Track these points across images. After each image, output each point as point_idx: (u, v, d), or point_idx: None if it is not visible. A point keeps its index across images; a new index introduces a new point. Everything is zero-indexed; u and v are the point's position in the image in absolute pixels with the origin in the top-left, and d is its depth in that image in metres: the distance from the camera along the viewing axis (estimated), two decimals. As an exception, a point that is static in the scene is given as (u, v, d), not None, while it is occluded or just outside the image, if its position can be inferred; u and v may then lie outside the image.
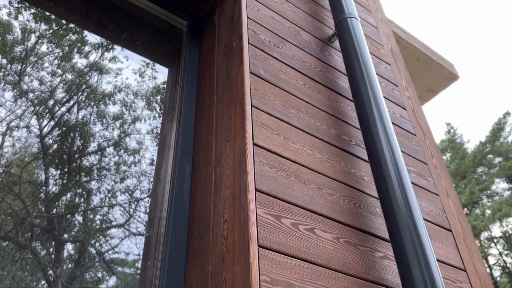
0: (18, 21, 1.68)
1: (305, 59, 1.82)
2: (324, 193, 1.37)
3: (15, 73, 1.56)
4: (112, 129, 1.69)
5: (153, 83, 1.92)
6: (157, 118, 1.83)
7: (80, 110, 1.65)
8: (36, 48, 1.67)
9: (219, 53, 1.76)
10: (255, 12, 1.76)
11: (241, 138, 1.32)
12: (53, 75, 1.66)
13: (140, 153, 1.69)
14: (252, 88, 1.47)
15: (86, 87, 1.73)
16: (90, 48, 1.82)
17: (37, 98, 1.57)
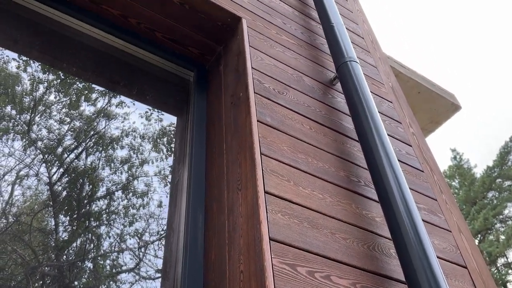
0: (27, 72, 1.76)
1: (309, 104, 1.87)
2: (337, 237, 1.38)
3: (24, 123, 1.61)
4: (120, 172, 1.73)
5: (160, 126, 1.97)
6: (164, 160, 1.87)
7: (89, 156, 1.69)
8: (45, 98, 1.73)
9: (227, 103, 1.82)
10: (259, 62, 1.84)
11: (253, 187, 1.35)
12: (61, 122, 1.71)
13: (149, 196, 1.72)
14: (260, 136, 1.51)
15: (95, 133, 1.78)
16: (98, 95, 1.89)
17: (46, 147, 1.62)
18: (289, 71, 1.95)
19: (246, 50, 1.84)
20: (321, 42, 2.37)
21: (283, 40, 2.12)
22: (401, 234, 1.36)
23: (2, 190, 1.43)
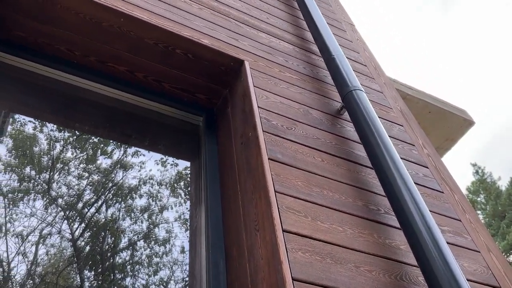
0: (43, 133, 1.81)
1: (319, 136, 1.88)
2: (363, 270, 1.35)
3: (44, 182, 1.64)
4: (141, 221, 1.73)
5: (176, 171, 1.99)
6: (183, 204, 1.87)
7: (109, 208, 1.71)
8: (62, 156, 1.77)
9: (237, 144, 1.83)
10: (265, 101, 1.86)
11: (270, 226, 1.34)
12: (79, 178, 1.74)
13: (171, 242, 1.71)
14: (273, 174, 1.51)
15: (113, 185, 1.80)
16: (114, 148, 1.92)
17: (67, 203, 1.63)
18: (295, 106, 1.97)
19: (251, 90, 1.87)
20: (324, 74, 2.40)
21: (287, 76, 2.16)
22: (427, 260, 1.32)
23: (27, 251, 1.44)
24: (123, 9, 1.88)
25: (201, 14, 2.23)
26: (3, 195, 1.51)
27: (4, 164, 1.60)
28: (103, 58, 2.01)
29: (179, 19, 2.06)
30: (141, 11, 1.94)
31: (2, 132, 1.71)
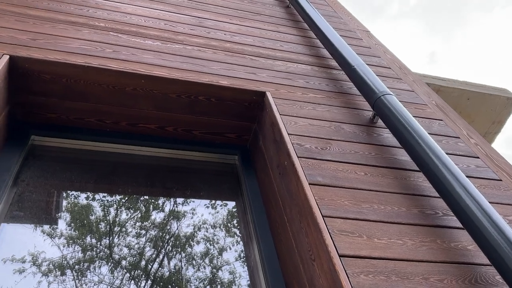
0: (95, 200, 1.86)
1: (356, 149, 1.82)
2: (433, 281, 1.26)
3: (105, 247, 1.68)
4: (203, 267, 1.73)
5: (227, 211, 1.98)
6: (240, 243, 1.85)
7: (171, 260, 1.72)
8: (117, 219, 1.81)
9: (275, 174, 1.81)
10: (294, 127, 1.85)
11: (325, 254, 1.29)
12: (137, 237, 1.77)
13: (236, 283, 1.69)
14: (316, 198, 1.47)
15: (170, 237, 1.82)
16: (161, 203, 1.96)
17: (130, 263, 1.66)
18: (325, 125, 1.94)
19: (278, 119, 1.86)
20: (349, 87, 2.36)
21: (311, 97, 2.14)
22: (500, 257, 1.22)
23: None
24: (142, 71, 1.95)
25: (216, 57, 2.27)
26: (70, 268, 1.56)
27: (66, 237, 1.66)
28: (133, 120, 2.08)
29: (196, 67, 2.12)
30: (159, 69, 2.01)
31: (59, 208, 1.79)
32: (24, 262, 1.53)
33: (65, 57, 1.87)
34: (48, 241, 1.64)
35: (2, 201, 1.62)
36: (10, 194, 1.71)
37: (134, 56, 2.05)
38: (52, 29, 2.06)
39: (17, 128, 1.91)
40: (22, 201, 1.72)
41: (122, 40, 2.16)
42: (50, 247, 1.61)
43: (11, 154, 1.78)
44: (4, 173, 1.68)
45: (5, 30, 1.94)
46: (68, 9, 2.31)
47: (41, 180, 1.85)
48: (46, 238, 1.65)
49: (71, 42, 2.00)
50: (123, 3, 2.59)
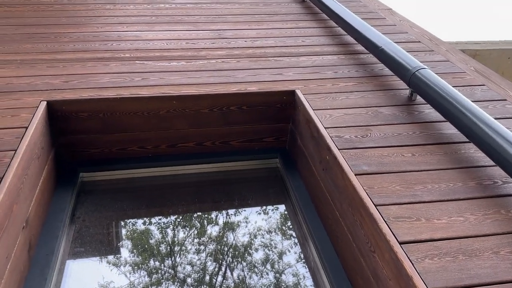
0: (152, 224, 1.91)
1: (399, 131, 1.76)
2: (504, 254, 1.18)
3: (169, 268, 1.71)
4: (265, 273, 1.72)
5: (279, 215, 1.97)
6: (297, 244, 1.83)
7: (233, 271, 1.72)
8: (175, 239, 1.84)
9: (318, 171, 1.78)
10: (329, 120, 1.81)
11: (385, 244, 1.24)
12: (198, 252, 1.79)
13: (301, 285, 1.67)
14: (365, 188, 1.43)
15: (228, 248, 1.83)
16: (215, 217, 1.98)
17: (196, 280, 1.68)
18: (362, 112, 1.89)
19: (312, 115, 1.83)
20: (379, 69, 2.29)
21: (342, 87, 2.09)
22: None
23: None
24: (172, 93, 1.98)
25: (241, 65, 2.28)
26: None
27: (131, 264, 1.71)
28: (172, 141, 2.12)
29: (222, 79, 2.13)
30: (188, 87, 2.04)
31: (118, 238, 1.85)
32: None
33: (98, 92, 1.94)
34: (115, 270, 1.69)
35: (63, 240, 1.69)
36: (70, 232, 1.78)
37: (162, 79, 2.09)
38: (82, 68, 2.15)
39: (65, 168, 2.00)
40: (82, 237, 1.79)
41: (149, 67, 2.21)
42: (117, 276, 1.66)
43: (64, 194, 1.86)
44: (61, 213, 1.75)
45: (39, 78, 2.03)
46: (94, 46, 2.40)
47: (96, 214, 1.92)
48: (112, 267, 1.70)
49: (101, 77, 2.07)
50: (143, 31, 2.66)
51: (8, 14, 2.82)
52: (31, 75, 2.05)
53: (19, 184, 1.46)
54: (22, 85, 1.97)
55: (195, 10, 3.06)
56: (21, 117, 1.73)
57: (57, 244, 1.61)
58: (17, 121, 1.70)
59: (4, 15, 2.81)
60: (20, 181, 1.48)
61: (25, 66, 2.14)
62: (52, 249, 1.58)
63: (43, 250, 1.58)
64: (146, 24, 2.76)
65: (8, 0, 3.08)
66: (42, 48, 2.35)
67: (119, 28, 2.67)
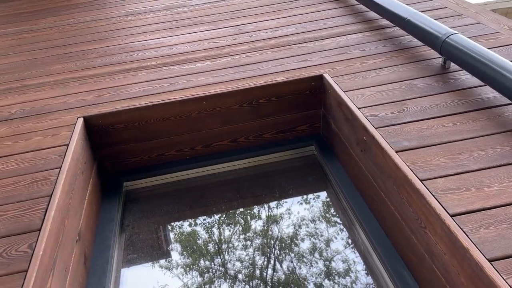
0: (197, 225, 1.94)
1: (436, 101, 1.70)
2: None
3: (219, 266, 1.73)
4: (315, 262, 1.72)
5: (321, 203, 1.95)
6: (343, 230, 1.81)
7: (282, 263, 1.73)
8: (221, 237, 1.86)
9: (357, 153, 1.75)
10: (362, 100, 1.77)
11: (436, 219, 1.21)
12: (245, 248, 1.80)
13: (353, 269, 1.65)
14: (408, 164, 1.39)
15: (275, 241, 1.83)
16: (258, 211, 1.98)
17: (246, 275, 1.69)
18: (395, 87, 1.84)
19: (343, 97, 1.80)
20: (408, 40, 2.22)
21: (370, 64, 2.04)
22: None
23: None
24: (201, 94, 2.00)
25: (265, 57, 2.27)
26: None
27: (183, 266, 1.75)
28: (207, 142, 2.14)
29: (248, 73, 2.13)
30: (215, 86, 2.05)
31: (168, 241, 1.89)
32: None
33: (130, 103, 1.98)
34: (168, 273, 1.73)
35: (116, 249, 1.74)
36: (121, 241, 1.84)
37: (189, 82, 2.12)
38: (112, 81, 2.20)
39: (109, 179, 2.06)
40: (133, 244, 1.85)
41: (175, 71, 2.24)
42: (171, 279, 1.70)
43: (111, 204, 1.92)
44: (110, 223, 1.81)
45: (73, 95, 2.10)
46: (120, 59, 2.46)
47: (143, 220, 1.97)
48: (165, 271, 1.75)
49: (131, 87, 2.12)
50: (165, 37, 2.69)
51: (36, 39, 2.93)
52: (65, 94, 2.13)
53: (67, 199, 1.52)
54: (58, 105, 2.04)
55: (213, 9, 3.07)
56: (61, 136, 1.79)
57: (111, 253, 1.66)
58: (58, 139, 1.77)
59: (33, 40, 2.92)
60: (68, 197, 1.54)
61: (59, 86, 2.22)
62: (106, 259, 1.64)
63: (98, 261, 1.63)
64: (168, 30, 2.79)
65: (34, 26, 3.20)
66: (72, 66, 2.43)
67: (142, 38, 2.72)
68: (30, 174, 1.58)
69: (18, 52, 2.74)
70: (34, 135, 1.82)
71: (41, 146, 1.74)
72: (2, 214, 1.41)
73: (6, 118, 1.98)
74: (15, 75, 2.42)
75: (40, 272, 1.20)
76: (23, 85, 2.29)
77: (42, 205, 1.42)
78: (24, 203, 1.44)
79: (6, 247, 1.28)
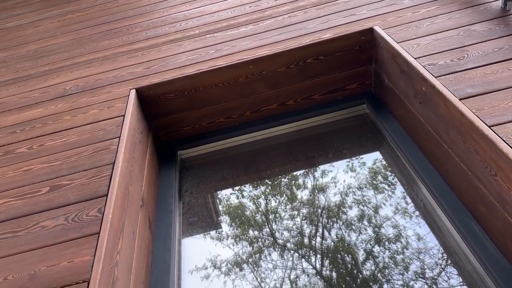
0: (245, 197, 1.95)
1: (499, 45, 1.59)
2: None
3: (268, 236, 1.75)
4: (365, 229, 1.69)
5: (367, 170, 1.91)
6: (393, 195, 1.76)
7: (331, 232, 1.71)
8: (269, 207, 1.87)
9: (415, 106, 1.68)
10: (418, 49, 1.68)
11: (508, 164, 1.14)
12: (293, 218, 1.80)
13: (403, 235, 1.60)
14: (474, 111, 1.32)
15: (322, 210, 1.81)
16: (313, 172, 1.97)
17: (295, 243, 1.69)
18: (452, 34, 1.73)
19: (397, 49, 1.72)
20: (462, -15, 2.08)
21: (424, 13, 1.93)
22: None
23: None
24: (247, 58, 1.98)
25: (309, 16, 2.20)
26: (245, 262, 1.66)
27: (233, 237, 1.78)
28: (255, 107, 2.13)
29: (293, 33, 2.08)
30: (261, 49, 2.02)
31: (225, 204, 1.92)
32: (207, 268, 1.67)
33: (178, 72, 1.99)
34: (226, 235, 1.76)
35: (177, 213, 1.80)
36: (181, 205, 1.89)
37: (235, 47, 2.10)
38: (158, 53, 2.22)
39: (164, 148, 2.11)
40: (192, 208, 1.90)
41: (220, 38, 2.23)
42: (230, 240, 1.73)
43: (168, 172, 1.97)
44: (170, 189, 1.86)
45: (123, 69, 2.14)
46: (164, 30, 2.47)
47: (200, 185, 2.01)
48: (223, 232, 1.77)
49: (178, 57, 2.13)
50: (206, 5, 2.67)
51: (80, 19, 2.99)
52: (115, 68, 2.17)
53: (129, 167, 1.57)
54: (110, 79, 2.09)
55: (251, -27, 3.00)
56: (116, 107, 1.84)
57: (173, 217, 1.72)
58: (114, 111, 1.82)
59: (77, 20, 2.99)
60: (130, 164, 1.59)
61: (108, 61, 2.27)
62: (169, 222, 1.69)
63: (161, 224, 1.69)
64: (207, -2, 2.76)
65: (77, 7, 3.27)
66: (118, 42, 2.46)
67: (184, 8, 2.71)
68: (91, 144, 1.64)
69: (66, 32, 2.82)
70: (91, 109, 1.88)
71: (98, 118, 1.79)
72: (69, 182, 1.47)
73: (62, 95, 2.05)
74: (65, 54, 2.49)
75: (111, 234, 1.25)
76: (74, 62, 2.35)
77: (106, 173, 1.47)
78: (89, 172, 1.50)
79: (78, 212, 1.34)
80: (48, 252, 1.21)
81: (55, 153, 1.64)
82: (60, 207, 1.37)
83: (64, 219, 1.31)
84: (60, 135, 1.74)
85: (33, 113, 1.94)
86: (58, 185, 1.46)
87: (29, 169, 1.58)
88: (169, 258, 1.56)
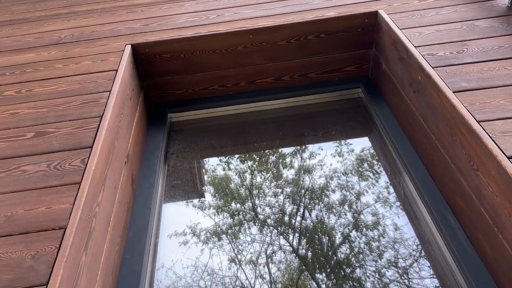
0: (231, 170, 1.96)
1: (499, 43, 1.59)
2: None
3: (249, 210, 1.76)
4: (345, 214, 1.71)
5: (355, 156, 1.92)
6: (377, 183, 1.78)
7: (311, 212, 1.73)
8: (254, 182, 1.89)
9: (409, 94, 1.68)
10: (419, 38, 1.68)
11: (491, 160, 1.16)
12: (275, 196, 1.81)
13: (382, 223, 1.63)
14: (466, 105, 1.33)
15: (306, 191, 1.83)
16: (300, 150, 1.97)
17: (276, 221, 1.71)
18: (456, 27, 1.72)
19: (399, 35, 1.71)
20: (473, -21, 2.05)
21: (430, 3, 1.92)
22: None
23: (262, 273, 1.56)
24: (248, 27, 1.95)
25: (315, -8, 2.16)
26: (224, 233, 1.68)
27: (215, 207, 1.79)
28: (251, 78, 2.12)
29: (298, 7, 2.05)
30: (263, 20, 1.99)
31: (210, 171, 1.93)
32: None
33: (177, 33, 1.96)
34: (207, 199, 1.77)
35: (161, 174, 1.80)
36: (165, 167, 1.89)
37: (236, 14, 2.06)
38: (158, 11, 2.17)
39: (154, 109, 2.09)
40: (177, 171, 1.90)
41: (222, 3, 2.18)
42: (210, 203, 1.74)
43: (156, 133, 1.96)
44: (156, 150, 1.86)
45: (121, 23, 2.10)
46: (166, -11, 2.41)
47: (187, 149, 2.01)
48: (204, 198, 1.79)
49: (178, 18, 2.09)
50: (212, -32, 2.60)
51: (83, -32, 2.91)
52: (113, 22, 2.13)
53: (117, 122, 1.56)
54: (106, 32, 2.05)
55: None
56: (110, 61, 1.81)
57: (156, 178, 1.72)
58: (107, 64, 1.79)
59: (80, -31, 2.90)
60: (118, 119, 1.57)
61: (106, 13, 2.22)
62: (152, 182, 1.69)
63: (144, 183, 1.69)
64: (214, -38, 2.69)
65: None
66: (119, -4, 2.41)
67: (189, -31, 2.64)
68: (81, 95, 1.62)
69: (66, -20, 2.74)
70: (84, 59, 1.85)
71: (90, 70, 1.77)
72: (55, 130, 1.46)
73: (56, 42, 2.01)
74: (64, 1, 2.43)
75: (92, 186, 1.25)
76: (72, 11, 2.30)
77: (93, 125, 1.46)
78: (76, 122, 1.49)
79: (60, 161, 1.33)
80: (27, 196, 1.21)
81: (44, 100, 1.61)
82: (44, 153, 1.36)
83: (46, 166, 1.30)
84: (50, 82, 1.71)
85: (24, 57, 1.91)
86: (43, 131, 1.45)
87: (15, 113, 1.56)
88: (148, 216, 1.57)
